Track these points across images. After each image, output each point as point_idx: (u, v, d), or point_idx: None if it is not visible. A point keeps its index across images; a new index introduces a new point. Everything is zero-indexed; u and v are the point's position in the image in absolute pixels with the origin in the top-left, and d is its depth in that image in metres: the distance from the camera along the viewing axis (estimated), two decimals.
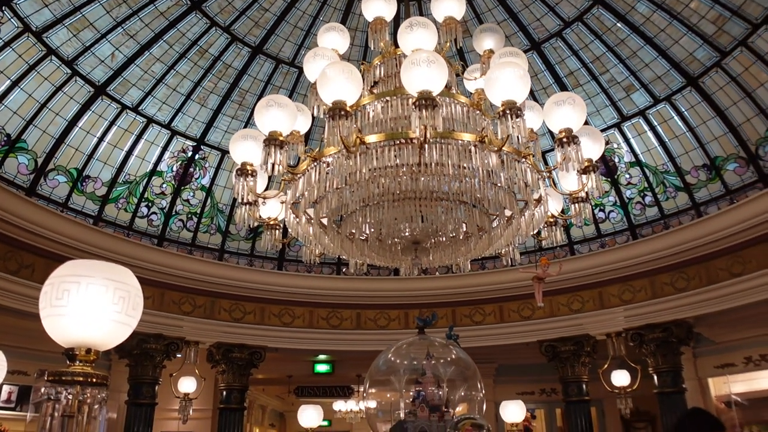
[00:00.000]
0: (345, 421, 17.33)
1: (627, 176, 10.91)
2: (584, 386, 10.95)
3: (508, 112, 3.58)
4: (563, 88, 10.39)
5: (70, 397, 2.10)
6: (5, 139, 8.96)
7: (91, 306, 2.23)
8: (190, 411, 10.76)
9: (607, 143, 10.71)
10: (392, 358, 5.70)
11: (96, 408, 2.14)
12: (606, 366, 10.76)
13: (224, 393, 11.13)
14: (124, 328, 2.31)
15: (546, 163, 10.19)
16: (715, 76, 9.50)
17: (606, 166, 10.87)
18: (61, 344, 2.24)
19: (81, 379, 2.14)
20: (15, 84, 8.84)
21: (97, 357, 2.24)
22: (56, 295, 2.20)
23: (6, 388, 9.45)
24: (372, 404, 6.56)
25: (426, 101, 3.44)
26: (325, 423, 17.64)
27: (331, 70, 3.58)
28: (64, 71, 9.26)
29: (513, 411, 8.33)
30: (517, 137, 3.69)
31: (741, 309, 9.29)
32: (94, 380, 2.16)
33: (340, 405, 16.51)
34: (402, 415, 5.37)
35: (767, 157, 9.34)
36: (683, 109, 10.01)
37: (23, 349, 8.77)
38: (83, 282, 2.21)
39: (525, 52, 9.58)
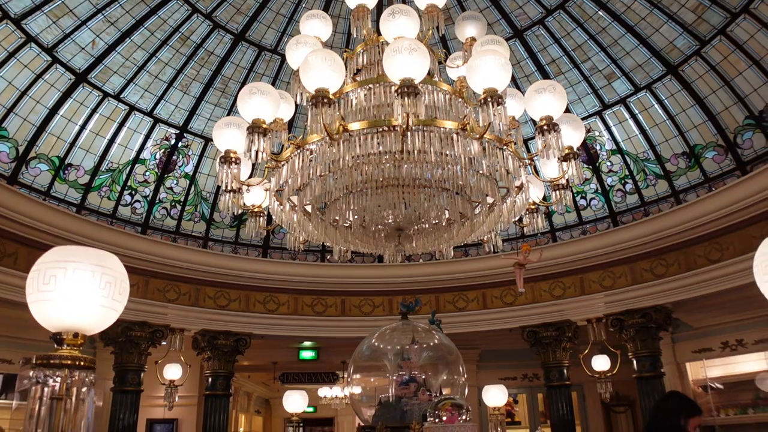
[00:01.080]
0: (330, 408, 17.43)
1: (608, 164, 11.04)
2: (565, 371, 11.12)
3: (489, 99, 3.62)
4: (545, 75, 10.47)
5: (58, 380, 2.13)
6: None
7: (78, 291, 2.26)
8: (176, 398, 10.79)
9: (588, 131, 10.83)
10: (376, 344, 5.77)
11: (84, 391, 2.18)
12: (586, 351, 10.93)
13: (210, 380, 11.18)
14: (110, 313, 2.34)
15: (528, 150, 10.26)
16: (694, 65, 9.63)
17: (588, 154, 10.99)
18: (48, 329, 2.27)
19: (69, 362, 2.17)
20: None
21: (84, 341, 2.28)
22: (43, 281, 2.23)
23: None
24: (357, 389, 6.63)
25: (408, 89, 3.48)
26: (311, 409, 17.75)
27: (313, 57, 3.61)
28: (44, 58, 9.16)
29: (495, 395, 8.43)
30: (499, 125, 3.74)
31: (718, 295, 9.47)
32: (82, 363, 2.20)
33: (325, 391, 16.58)
34: (391, 399, 5.43)
35: (745, 145, 9.49)
36: (663, 98, 10.13)
37: (8, 337, 8.76)
38: (70, 267, 2.24)
39: (507, 39, 9.67)
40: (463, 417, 2.72)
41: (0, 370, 9.38)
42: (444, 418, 2.72)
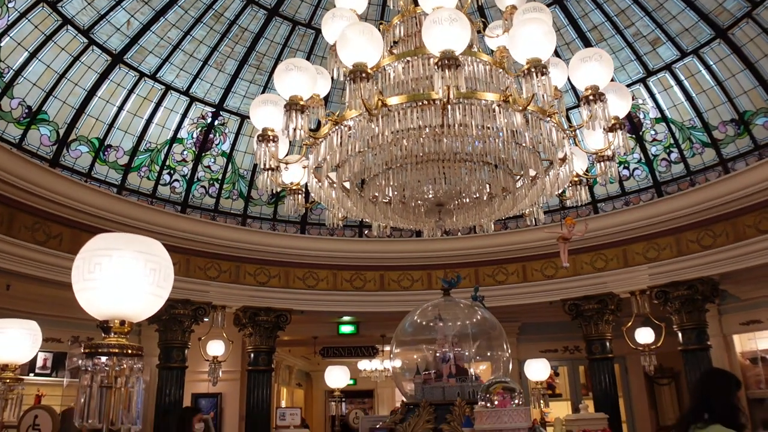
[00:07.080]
0: (370, 380, 17.62)
1: (652, 132, 10.69)
2: (608, 344, 10.97)
3: (533, 70, 3.50)
4: (587, 43, 10.14)
5: (107, 368, 2.12)
6: (26, 111, 8.98)
7: (123, 278, 2.24)
8: (220, 373, 10.98)
9: (632, 99, 10.48)
10: (418, 320, 5.74)
11: (133, 379, 2.17)
12: (630, 323, 10.73)
13: (252, 355, 11.34)
14: (156, 300, 2.32)
15: (569, 120, 10.00)
16: (745, 27, 9.17)
17: (631, 123, 10.65)
18: (95, 317, 2.25)
19: (116, 350, 2.16)
20: (33, 55, 8.79)
21: (131, 329, 2.26)
22: (88, 269, 2.21)
23: (41, 355, 9.69)
24: (398, 364, 6.62)
25: (449, 61, 3.37)
26: (351, 382, 17.95)
27: (351, 31, 3.52)
28: (81, 40, 9.21)
29: (538, 369, 8.37)
30: (543, 96, 3.60)
31: None
32: (130, 351, 2.18)
33: (364, 364, 16.75)
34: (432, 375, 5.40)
35: None
36: (711, 63, 9.71)
37: (56, 317, 8.97)
38: (114, 255, 2.21)
39: (548, 6, 9.33)
40: (516, 401, 2.65)
41: (50, 349, 9.65)
42: (496, 402, 2.65)
